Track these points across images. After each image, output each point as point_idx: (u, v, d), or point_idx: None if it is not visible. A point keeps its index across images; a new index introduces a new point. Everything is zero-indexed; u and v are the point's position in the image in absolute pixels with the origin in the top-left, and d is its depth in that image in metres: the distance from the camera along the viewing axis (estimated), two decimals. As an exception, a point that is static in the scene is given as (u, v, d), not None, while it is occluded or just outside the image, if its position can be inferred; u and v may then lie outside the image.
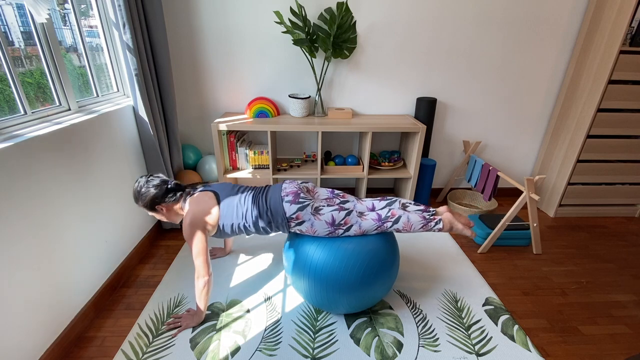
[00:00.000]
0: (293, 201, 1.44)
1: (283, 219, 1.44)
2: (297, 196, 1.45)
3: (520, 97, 2.55)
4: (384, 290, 1.49)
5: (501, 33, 2.33)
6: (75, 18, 1.67)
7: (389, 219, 1.44)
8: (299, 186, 1.53)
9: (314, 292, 1.46)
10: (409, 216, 1.46)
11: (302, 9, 2.11)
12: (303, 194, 1.48)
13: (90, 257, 1.58)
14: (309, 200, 1.46)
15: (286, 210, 1.43)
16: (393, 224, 1.44)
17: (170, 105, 2.11)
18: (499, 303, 1.70)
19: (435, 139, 2.68)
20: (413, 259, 2.02)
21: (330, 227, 1.42)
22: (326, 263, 1.39)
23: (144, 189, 1.47)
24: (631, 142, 2.37)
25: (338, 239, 1.43)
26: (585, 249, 2.21)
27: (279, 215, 1.44)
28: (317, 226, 1.42)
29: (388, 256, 1.46)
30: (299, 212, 1.43)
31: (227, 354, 1.39)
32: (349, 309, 1.51)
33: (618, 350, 1.47)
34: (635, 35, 2.04)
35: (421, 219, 1.47)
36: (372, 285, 1.42)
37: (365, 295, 1.44)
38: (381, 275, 1.43)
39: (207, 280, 1.43)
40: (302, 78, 2.41)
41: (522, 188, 1.97)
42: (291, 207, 1.43)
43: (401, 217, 1.45)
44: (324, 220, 1.41)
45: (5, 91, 1.30)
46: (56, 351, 1.34)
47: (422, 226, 1.47)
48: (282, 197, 1.46)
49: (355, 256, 1.39)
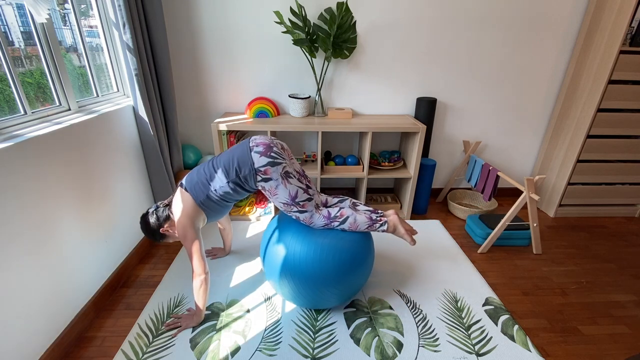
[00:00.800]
0: (264, 153, 1.38)
1: (251, 171, 1.39)
2: (269, 149, 1.40)
3: (520, 97, 2.55)
4: (364, 276, 1.53)
5: (501, 33, 2.33)
6: (75, 18, 1.67)
7: (337, 218, 1.47)
8: (271, 140, 1.45)
9: (299, 291, 1.47)
10: (357, 217, 1.49)
11: (302, 9, 2.11)
12: (277, 149, 1.43)
13: (90, 257, 1.58)
14: (282, 160, 1.42)
15: (255, 161, 1.38)
16: (340, 224, 1.48)
17: (170, 105, 2.12)
18: (499, 303, 1.70)
19: (435, 139, 2.68)
20: (413, 259, 2.02)
21: (290, 200, 1.42)
22: (305, 260, 1.41)
23: (144, 226, 1.53)
24: (631, 142, 2.37)
25: (312, 236, 1.44)
26: (585, 249, 2.21)
27: (247, 165, 1.38)
28: (280, 192, 1.41)
29: (362, 243, 1.51)
30: (269, 167, 1.38)
31: (227, 354, 1.39)
32: (339, 300, 1.53)
33: (618, 350, 1.47)
34: (635, 35, 2.04)
35: (367, 219, 1.51)
36: (352, 273, 1.45)
37: (348, 283, 1.47)
38: (359, 262, 1.47)
39: (203, 279, 1.43)
40: (302, 78, 2.41)
41: (522, 188, 1.97)
42: (261, 158, 1.38)
43: (349, 218, 1.48)
44: (288, 190, 1.41)
45: (5, 91, 1.30)
46: (56, 351, 1.34)
47: (368, 226, 1.51)
48: (251, 147, 1.41)
49: (331, 249, 1.42)
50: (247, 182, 1.43)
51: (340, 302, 1.56)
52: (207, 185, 1.43)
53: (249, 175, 1.40)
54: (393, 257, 2.03)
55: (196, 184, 1.45)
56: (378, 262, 1.98)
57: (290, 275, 1.44)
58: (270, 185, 1.41)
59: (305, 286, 1.44)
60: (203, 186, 1.44)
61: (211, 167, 1.45)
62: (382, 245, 2.16)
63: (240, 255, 2.03)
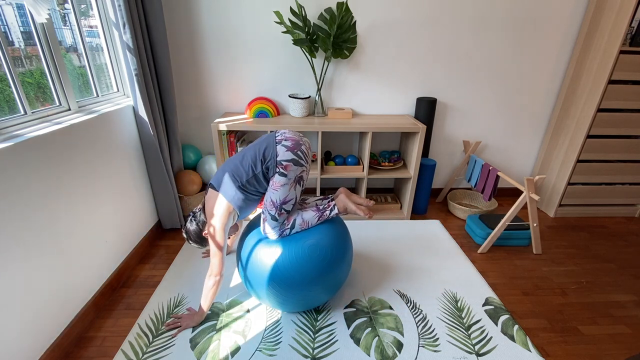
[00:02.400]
0: (291, 148, 1.36)
1: (273, 161, 1.36)
2: (298, 146, 1.38)
3: (520, 97, 2.55)
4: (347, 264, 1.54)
5: (501, 33, 2.33)
6: (75, 18, 1.67)
7: (285, 226, 1.44)
8: (301, 138, 1.43)
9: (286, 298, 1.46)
10: (303, 215, 1.46)
11: (302, 9, 2.11)
12: (305, 147, 1.40)
13: (90, 257, 1.58)
14: (305, 165, 1.40)
15: (279, 153, 1.35)
16: (291, 230, 1.45)
17: (170, 105, 2.12)
18: (499, 303, 1.70)
19: (435, 139, 2.68)
20: (413, 259, 2.02)
21: (279, 202, 1.39)
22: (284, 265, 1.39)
23: (186, 234, 1.57)
24: (631, 142, 2.37)
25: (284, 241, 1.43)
26: (585, 249, 2.21)
27: (271, 156, 1.36)
28: (280, 191, 1.38)
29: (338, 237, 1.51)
30: (291, 164, 1.35)
31: (227, 354, 1.39)
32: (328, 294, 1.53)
33: (618, 350, 1.47)
34: (635, 35, 2.04)
35: (315, 212, 1.48)
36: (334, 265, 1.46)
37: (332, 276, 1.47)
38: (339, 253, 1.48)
39: (217, 280, 1.43)
40: (302, 78, 2.41)
41: (522, 188, 1.97)
42: (286, 153, 1.35)
43: (296, 220, 1.45)
44: (287, 194, 1.39)
45: (5, 91, 1.30)
46: (56, 351, 1.34)
47: (318, 218, 1.48)
48: (278, 140, 1.39)
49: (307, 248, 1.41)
50: (265, 177, 1.41)
51: (330, 295, 1.55)
52: (235, 180, 1.41)
53: (271, 166, 1.37)
54: (393, 257, 2.03)
55: (224, 181, 1.43)
56: (378, 263, 1.98)
57: (273, 283, 1.42)
58: (281, 180, 1.37)
59: (291, 291, 1.42)
60: (231, 182, 1.41)
61: (237, 163, 1.42)
62: (382, 245, 2.16)
63: (240, 255, 2.03)
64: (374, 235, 2.27)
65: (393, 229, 2.34)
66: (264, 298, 1.50)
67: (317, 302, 1.55)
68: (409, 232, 2.31)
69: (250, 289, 1.52)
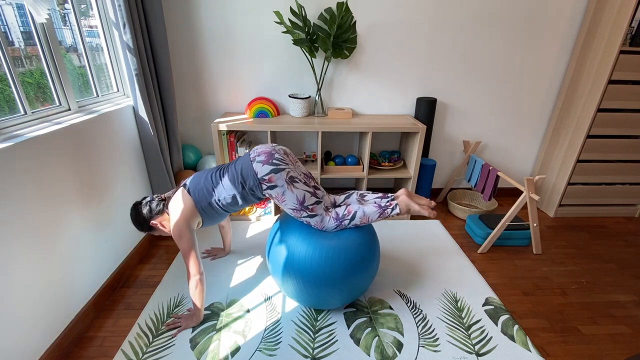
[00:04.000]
0: (266, 161, 1.38)
1: (255, 181, 1.39)
2: (271, 156, 1.40)
3: (520, 97, 2.55)
4: (369, 278, 1.52)
5: (501, 33, 2.33)
6: (75, 18, 1.67)
7: (345, 217, 1.45)
8: (273, 147, 1.46)
9: (303, 291, 1.47)
10: (364, 209, 1.47)
11: (302, 9, 2.11)
12: (279, 155, 1.42)
13: (90, 257, 1.58)
14: (285, 165, 1.41)
15: (257, 171, 1.38)
16: (350, 221, 1.45)
17: (170, 105, 2.12)
18: (499, 303, 1.70)
19: (435, 139, 2.68)
20: (413, 259, 2.02)
21: (298, 205, 1.41)
22: (311, 260, 1.40)
23: (135, 216, 1.52)
24: (631, 142, 2.37)
25: (319, 237, 1.43)
26: (585, 249, 2.21)
27: (250, 176, 1.40)
28: (288, 197, 1.40)
29: (368, 243, 1.49)
30: (272, 175, 1.38)
31: (227, 354, 1.39)
32: (342, 301, 1.52)
33: (618, 350, 1.47)
34: (635, 35, 2.04)
35: (377, 208, 1.47)
36: (357, 274, 1.45)
37: (353, 285, 1.46)
38: (365, 263, 1.46)
39: (198, 279, 1.43)
40: (302, 78, 2.41)
41: (522, 188, 1.97)
42: (263, 167, 1.38)
43: (357, 213, 1.46)
44: (295, 195, 1.40)
45: (5, 91, 1.30)
46: (56, 351, 1.34)
47: (379, 215, 1.47)
48: (252, 158, 1.41)
49: (337, 249, 1.41)
50: (254, 193, 1.45)
51: (342, 303, 1.55)
52: (211, 193, 1.45)
53: (255, 186, 1.42)
54: (393, 257, 2.03)
55: (201, 189, 1.46)
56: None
57: (295, 274, 1.44)
58: (277, 192, 1.41)
59: (311, 287, 1.44)
60: (207, 193, 1.45)
61: (218, 176, 1.46)
62: (382, 245, 2.15)
63: (240, 255, 2.03)
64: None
65: (393, 229, 2.34)
66: (282, 285, 1.53)
67: (329, 305, 1.54)
68: (409, 232, 2.31)
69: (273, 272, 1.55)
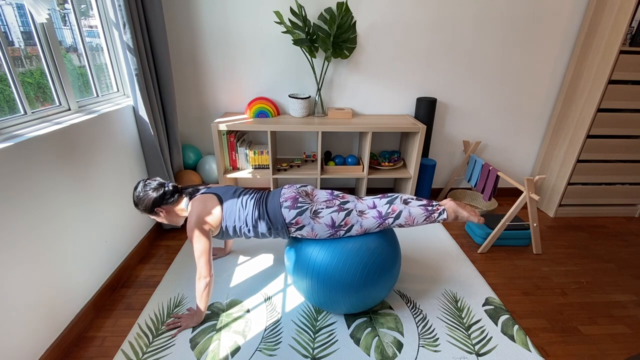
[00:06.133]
0: (292, 206, 1.43)
1: (283, 226, 1.44)
2: (296, 201, 1.45)
3: (520, 97, 2.55)
4: (385, 290, 1.49)
5: (501, 33, 2.33)
6: (75, 18, 1.67)
7: (389, 215, 1.42)
8: (298, 190, 1.51)
9: (315, 292, 1.46)
10: (410, 210, 1.44)
11: (302, 9, 2.11)
12: (302, 198, 1.47)
13: (90, 257, 1.58)
14: (308, 204, 1.45)
15: (285, 216, 1.43)
16: (395, 220, 1.42)
17: (170, 105, 2.12)
18: (499, 303, 1.70)
19: (435, 139, 2.68)
20: (413, 259, 2.02)
21: (330, 229, 1.41)
22: (329, 263, 1.39)
23: (143, 194, 1.49)
24: (631, 142, 2.37)
25: (339, 239, 1.43)
26: (585, 249, 2.21)
27: (279, 222, 1.44)
28: (318, 229, 1.42)
29: (389, 255, 1.46)
30: (298, 217, 1.42)
31: (227, 354, 1.39)
32: (350, 309, 1.51)
33: (618, 350, 1.47)
34: (635, 35, 2.04)
35: (423, 211, 1.44)
36: (373, 285, 1.42)
37: (367, 295, 1.44)
38: (383, 275, 1.43)
39: (208, 281, 1.43)
40: (302, 78, 2.41)
41: (522, 188, 1.97)
42: (290, 212, 1.43)
43: (402, 212, 1.42)
44: (323, 223, 1.41)
45: (5, 91, 1.30)
46: (56, 351, 1.34)
47: (425, 218, 1.43)
48: (281, 202, 1.45)
49: (356, 256, 1.39)
50: (277, 234, 1.50)
51: (351, 311, 1.53)
52: (241, 219, 1.48)
53: (282, 230, 1.46)
54: (393, 257, 2.03)
55: (232, 212, 1.48)
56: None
57: (312, 275, 1.43)
58: (307, 230, 1.43)
59: (325, 289, 1.42)
60: (237, 218, 1.48)
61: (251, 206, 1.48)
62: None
63: (241, 255, 2.03)
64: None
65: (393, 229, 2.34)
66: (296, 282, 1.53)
67: (337, 310, 1.53)
68: (409, 232, 2.31)
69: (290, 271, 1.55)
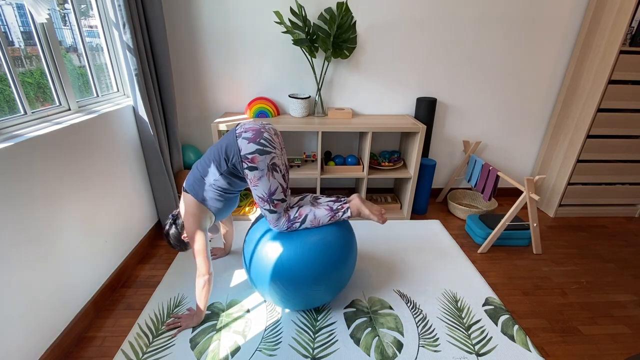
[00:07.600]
0: (252, 139, 1.31)
1: (237, 157, 1.32)
2: (259, 135, 1.32)
3: (520, 97, 2.55)
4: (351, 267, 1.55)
5: (501, 33, 2.33)
6: (75, 18, 1.67)
7: (296, 219, 1.44)
8: (263, 126, 1.38)
9: (290, 295, 1.46)
10: (315, 212, 1.46)
11: (302, 9, 2.11)
12: (268, 135, 1.34)
13: (90, 257, 1.58)
14: (272, 149, 1.34)
15: (241, 147, 1.30)
16: (301, 224, 1.45)
17: (170, 105, 2.12)
18: (499, 303, 1.70)
19: (435, 139, 2.68)
20: (413, 259, 2.02)
21: (267, 195, 1.37)
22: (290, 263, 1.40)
23: (170, 240, 1.56)
24: (631, 142, 2.37)
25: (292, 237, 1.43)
26: (585, 249, 2.21)
27: (233, 152, 1.33)
28: (261, 184, 1.35)
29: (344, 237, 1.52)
30: (257, 155, 1.30)
31: (227, 354, 1.39)
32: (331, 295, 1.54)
33: (618, 350, 1.47)
34: (635, 35, 2.04)
35: (328, 211, 1.47)
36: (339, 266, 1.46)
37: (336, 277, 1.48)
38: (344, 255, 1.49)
39: (207, 279, 1.43)
40: (302, 78, 2.41)
41: (522, 188, 1.97)
42: (249, 145, 1.30)
43: (307, 216, 1.44)
44: (270, 184, 1.35)
45: (5, 91, 1.30)
46: (56, 351, 1.34)
47: (330, 218, 1.47)
48: (238, 133, 1.34)
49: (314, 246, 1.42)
50: (236, 171, 1.39)
51: (332, 296, 1.56)
52: (202, 180, 1.42)
53: (237, 162, 1.34)
54: (393, 257, 2.03)
55: (193, 182, 1.44)
56: (378, 263, 1.98)
57: (278, 280, 1.42)
58: (254, 174, 1.34)
59: (295, 288, 1.43)
60: (200, 182, 1.42)
61: (204, 162, 1.43)
62: (382, 245, 2.16)
63: (240, 255, 2.03)
64: (373, 235, 2.27)
65: (393, 229, 2.34)
66: (267, 294, 1.51)
67: (320, 302, 1.55)
68: (409, 232, 2.31)
69: (253, 284, 1.53)
